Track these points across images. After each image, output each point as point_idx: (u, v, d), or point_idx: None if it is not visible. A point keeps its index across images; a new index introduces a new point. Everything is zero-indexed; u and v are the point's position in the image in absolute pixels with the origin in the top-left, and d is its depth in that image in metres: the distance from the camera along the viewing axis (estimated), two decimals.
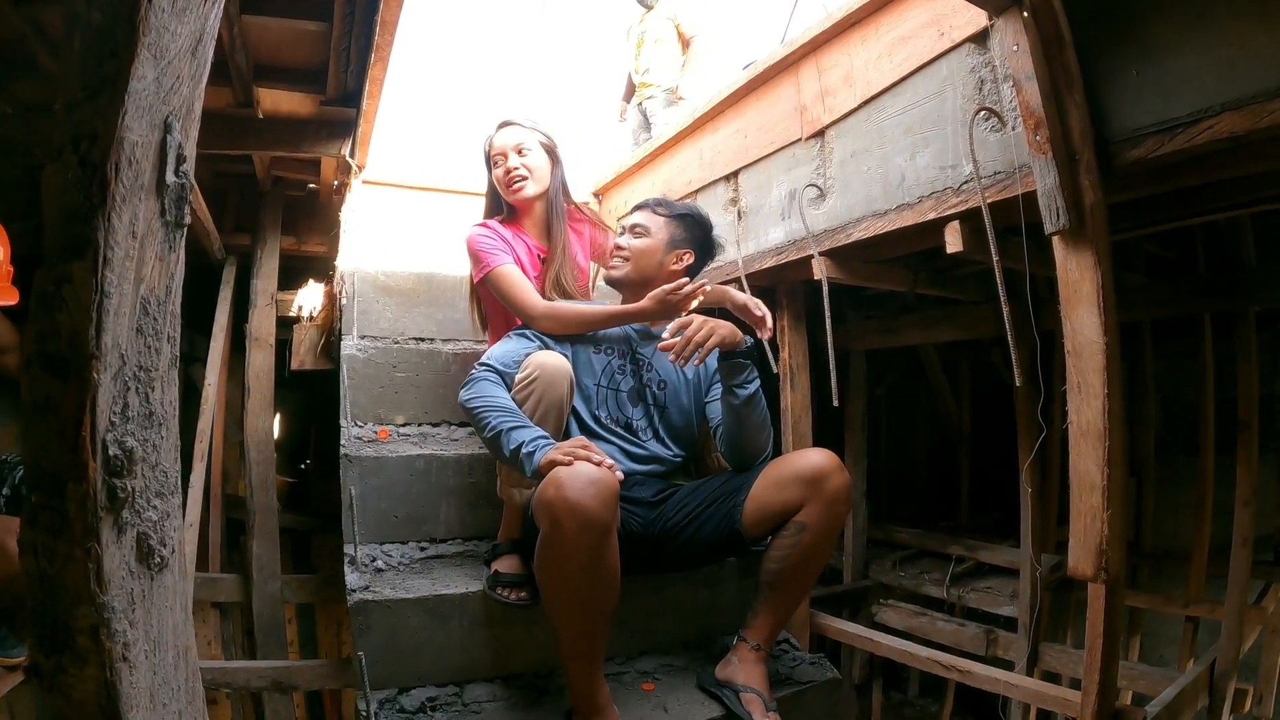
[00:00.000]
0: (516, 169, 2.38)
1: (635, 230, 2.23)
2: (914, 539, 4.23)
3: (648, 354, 2.24)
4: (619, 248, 2.25)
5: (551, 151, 2.46)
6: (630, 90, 5.84)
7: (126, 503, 0.58)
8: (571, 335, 2.18)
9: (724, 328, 1.92)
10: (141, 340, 0.60)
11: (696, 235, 2.25)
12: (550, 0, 8.63)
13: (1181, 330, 3.58)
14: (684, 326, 1.89)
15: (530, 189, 2.40)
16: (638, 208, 2.30)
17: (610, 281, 2.29)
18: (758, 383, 2.03)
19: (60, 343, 0.56)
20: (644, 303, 2.12)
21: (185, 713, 0.63)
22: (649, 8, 5.59)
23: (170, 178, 0.61)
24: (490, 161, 2.45)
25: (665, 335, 1.89)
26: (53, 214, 0.58)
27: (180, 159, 0.61)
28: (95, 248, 0.56)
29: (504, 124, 2.45)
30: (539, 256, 2.45)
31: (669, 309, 2.11)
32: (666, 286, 2.08)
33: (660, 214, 2.24)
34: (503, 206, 2.47)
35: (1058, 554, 3.29)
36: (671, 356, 1.86)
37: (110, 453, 0.57)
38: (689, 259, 2.23)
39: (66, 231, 0.57)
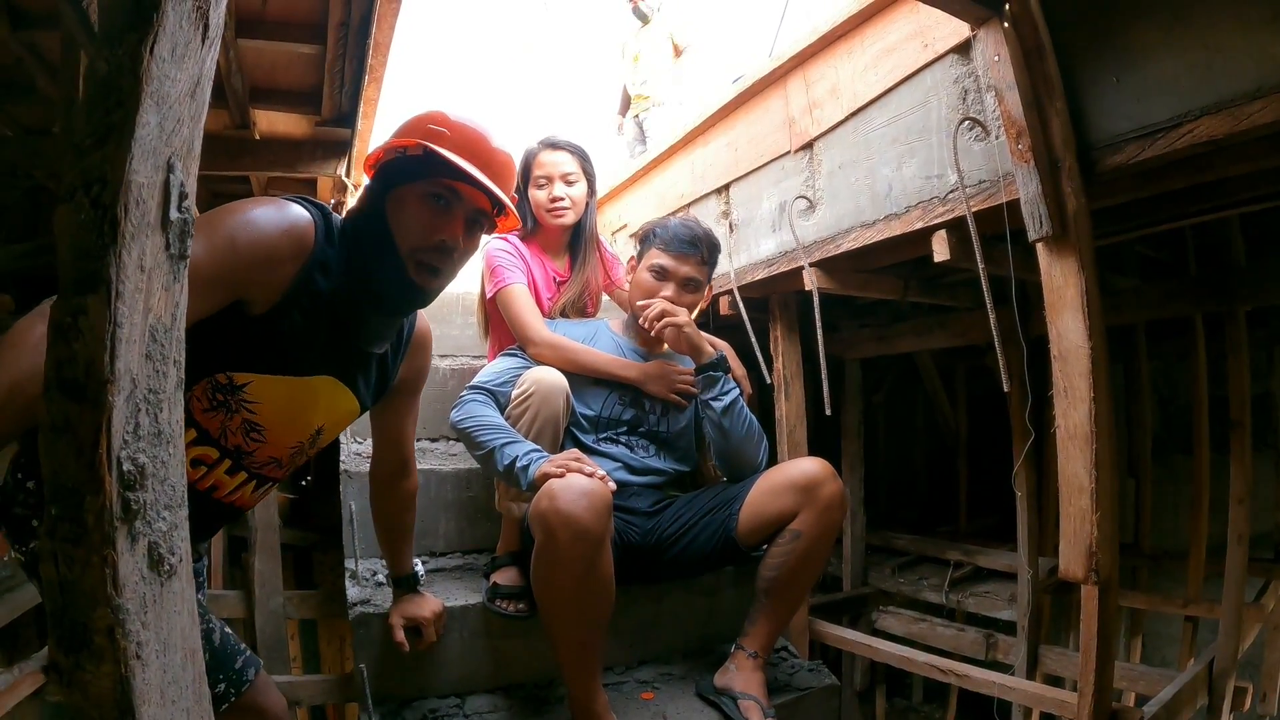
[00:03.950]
0: (562, 199, 2.40)
1: (690, 285, 2.15)
2: (912, 545, 4.23)
3: None
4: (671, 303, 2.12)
5: (592, 182, 2.49)
6: (626, 103, 5.87)
7: (139, 514, 0.64)
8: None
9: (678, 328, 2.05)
10: (150, 365, 0.65)
11: (715, 265, 2.27)
12: (548, 13, 8.74)
13: (1175, 331, 3.59)
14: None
15: (570, 219, 2.43)
16: (684, 255, 2.13)
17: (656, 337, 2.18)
18: (732, 396, 2.05)
19: (78, 369, 0.62)
20: (649, 385, 2.19)
21: (193, 711, 0.69)
22: (645, 21, 5.64)
23: (174, 214, 0.66)
24: (530, 178, 2.44)
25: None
26: (65, 250, 0.63)
27: (183, 196, 0.67)
28: (108, 283, 0.61)
29: (555, 146, 2.44)
30: (555, 279, 2.47)
31: (666, 391, 2.19)
32: (682, 381, 2.18)
33: (708, 264, 2.18)
34: (527, 221, 2.47)
35: (1055, 557, 3.30)
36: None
37: (124, 468, 0.63)
38: (711, 292, 2.28)
39: (79, 267, 0.62)
